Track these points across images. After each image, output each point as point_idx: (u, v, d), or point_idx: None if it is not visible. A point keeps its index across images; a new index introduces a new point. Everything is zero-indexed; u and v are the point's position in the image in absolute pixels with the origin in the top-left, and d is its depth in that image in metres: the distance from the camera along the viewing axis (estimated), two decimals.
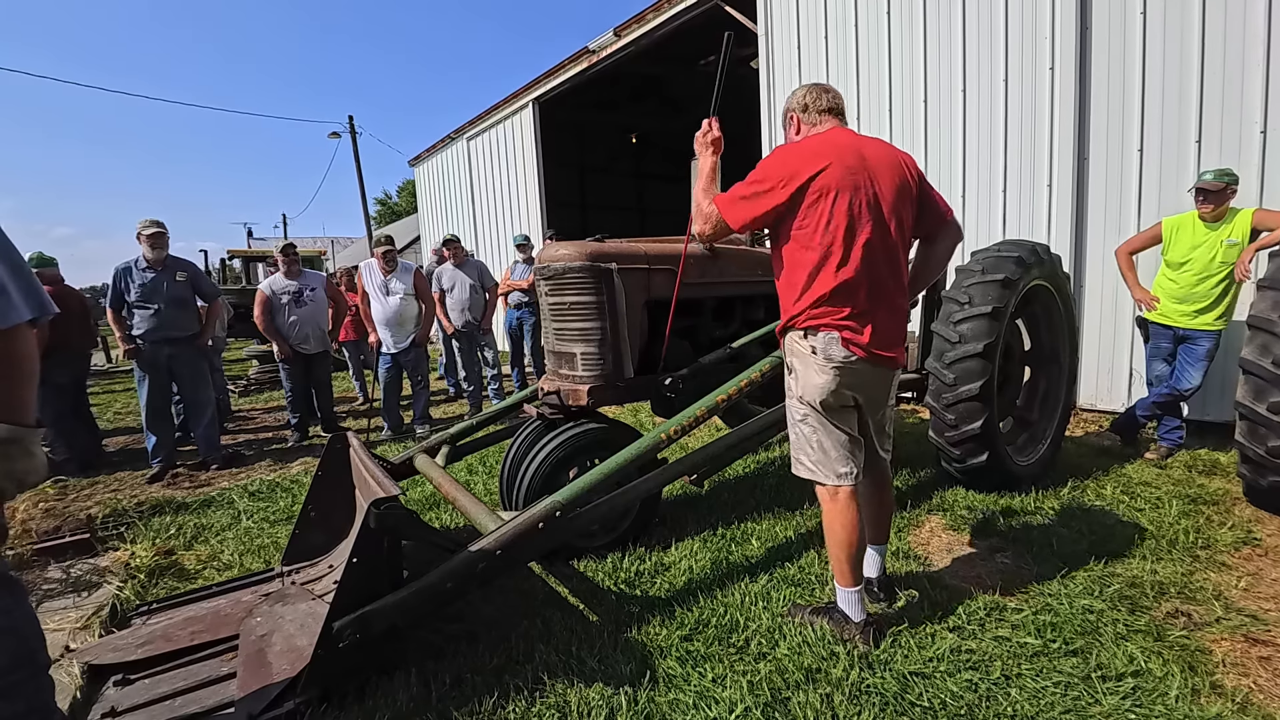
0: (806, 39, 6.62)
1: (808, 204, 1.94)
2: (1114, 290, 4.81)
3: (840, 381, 2.02)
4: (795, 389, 2.12)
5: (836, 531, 2.10)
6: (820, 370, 2.01)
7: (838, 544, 2.10)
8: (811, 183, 1.92)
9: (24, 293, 1.45)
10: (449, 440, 3.45)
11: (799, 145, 2.03)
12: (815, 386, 2.03)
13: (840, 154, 1.94)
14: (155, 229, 4.58)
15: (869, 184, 1.95)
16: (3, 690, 1.51)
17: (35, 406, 1.49)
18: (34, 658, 1.57)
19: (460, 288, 6.20)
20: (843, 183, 1.92)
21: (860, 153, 1.98)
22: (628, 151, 16.36)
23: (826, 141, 2.00)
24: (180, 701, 1.95)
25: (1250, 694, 1.85)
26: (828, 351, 1.99)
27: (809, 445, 2.12)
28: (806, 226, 1.96)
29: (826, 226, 1.93)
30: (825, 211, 1.93)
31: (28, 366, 1.46)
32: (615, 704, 1.86)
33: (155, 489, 4.46)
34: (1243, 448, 3.06)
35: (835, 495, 2.09)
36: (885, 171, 1.98)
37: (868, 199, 1.94)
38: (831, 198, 1.92)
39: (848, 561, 2.10)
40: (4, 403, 1.43)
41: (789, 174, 1.96)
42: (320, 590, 2.54)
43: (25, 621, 1.56)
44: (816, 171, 1.92)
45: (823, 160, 1.93)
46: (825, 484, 2.10)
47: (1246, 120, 4.15)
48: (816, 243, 1.96)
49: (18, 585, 1.57)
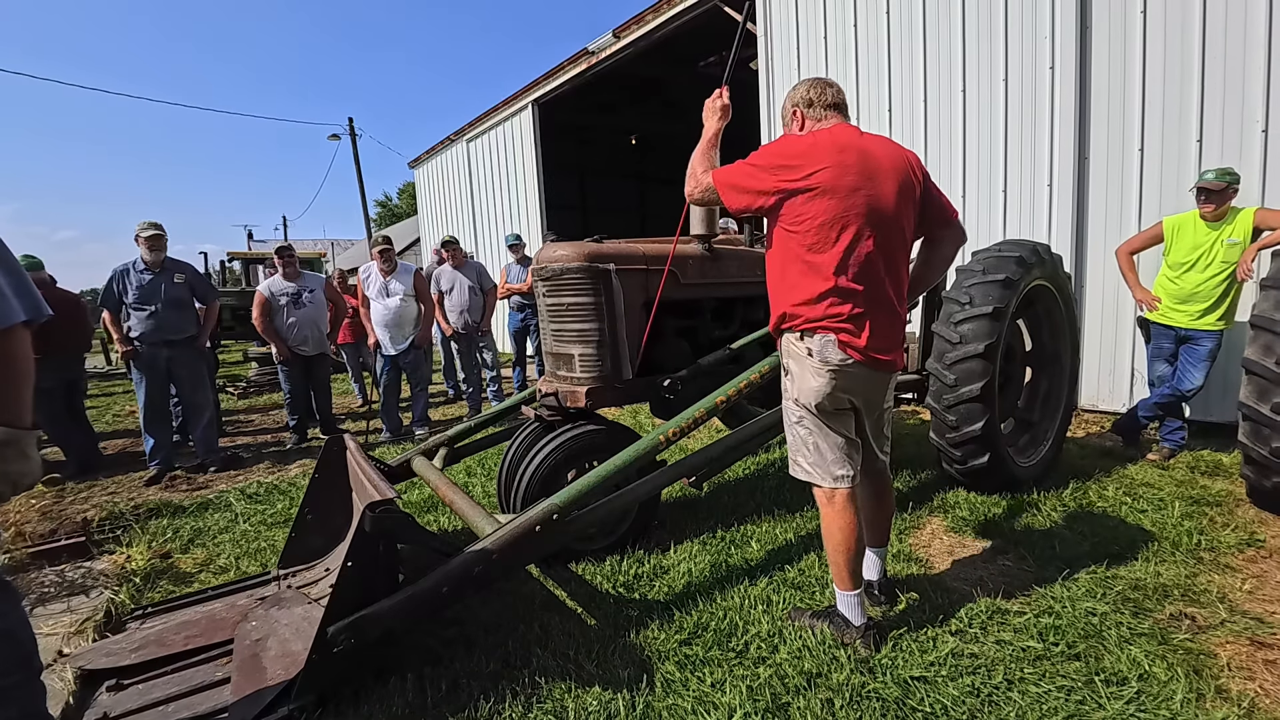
0: (806, 39, 6.61)
1: (804, 200, 1.90)
2: (1115, 290, 4.79)
3: (836, 384, 1.99)
4: (791, 390, 2.09)
5: (834, 534, 2.07)
6: (816, 373, 1.99)
7: (836, 547, 2.08)
8: (810, 178, 1.88)
9: (19, 294, 1.45)
10: (447, 442, 3.43)
11: (802, 139, 1.99)
12: (811, 389, 2.01)
13: (842, 152, 1.90)
14: (154, 231, 4.58)
15: (870, 184, 1.90)
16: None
17: (31, 408, 1.49)
18: (28, 663, 1.56)
19: (459, 290, 6.18)
20: (842, 181, 1.87)
21: (863, 151, 1.93)
22: (628, 153, 16.36)
23: (829, 138, 1.95)
24: (174, 707, 1.93)
25: (1256, 698, 1.82)
26: (824, 354, 1.96)
27: (805, 447, 2.10)
28: (803, 224, 1.92)
29: (825, 226, 1.89)
30: (823, 210, 1.88)
31: (23, 368, 1.47)
32: (613, 709, 1.84)
33: (152, 491, 4.44)
34: (1246, 449, 3.04)
35: (832, 498, 2.06)
36: (888, 171, 1.94)
37: (868, 199, 1.89)
38: (831, 196, 1.88)
39: (846, 565, 2.08)
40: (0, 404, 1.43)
41: (789, 166, 1.92)
42: (316, 594, 2.52)
43: (19, 626, 1.55)
44: (817, 168, 1.88)
45: (824, 157, 1.89)
46: (822, 486, 2.08)
47: (1248, 119, 4.14)
48: (814, 241, 1.92)
49: (11, 589, 1.56)
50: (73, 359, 5.16)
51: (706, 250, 3.25)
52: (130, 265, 4.61)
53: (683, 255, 3.14)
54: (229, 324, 11.28)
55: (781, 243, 2.01)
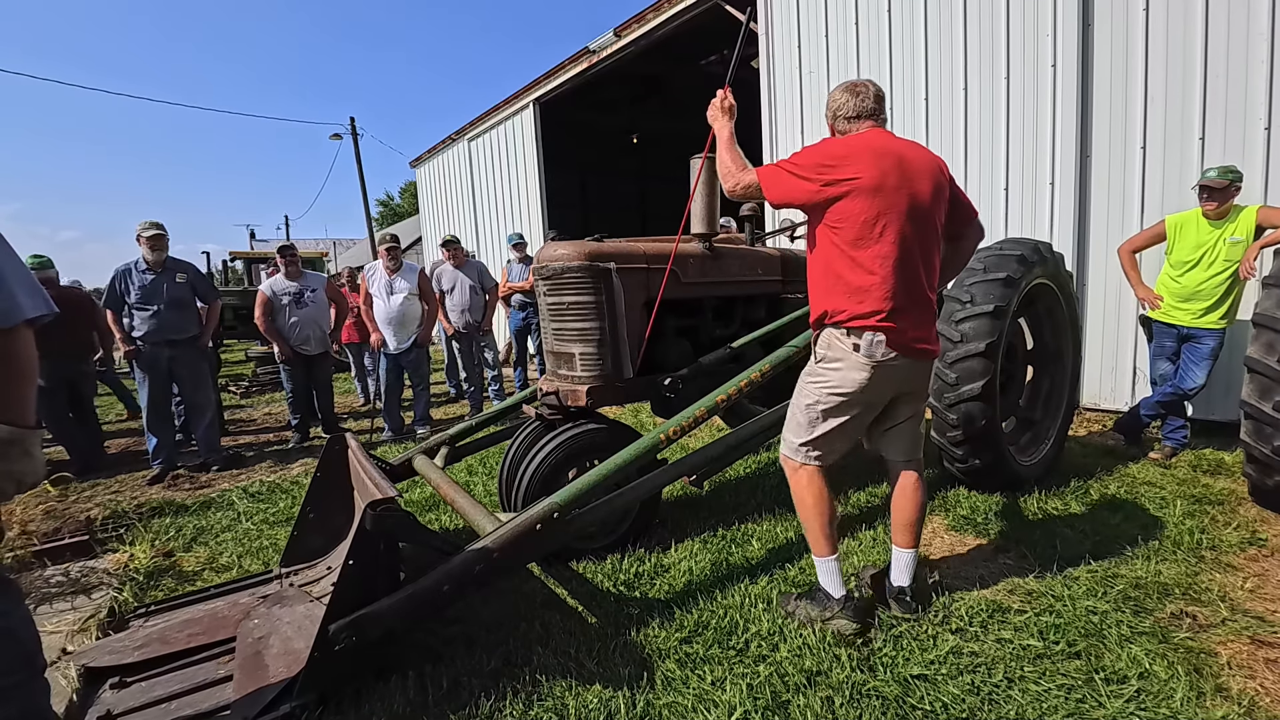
0: (807, 38, 6.60)
1: (849, 198, 2.02)
2: (1117, 289, 4.78)
3: (880, 377, 2.10)
4: (828, 379, 2.16)
5: (805, 500, 2.22)
6: (862, 368, 2.09)
7: (808, 512, 2.22)
8: (853, 180, 2.00)
9: (26, 292, 1.46)
10: (448, 441, 3.44)
11: (841, 143, 2.11)
12: (853, 380, 2.11)
13: (883, 156, 2.03)
14: (154, 231, 4.59)
15: (909, 184, 2.03)
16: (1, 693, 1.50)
17: (34, 407, 1.49)
18: (31, 661, 1.56)
19: (460, 289, 6.19)
20: (885, 181, 2.00)
21: (899, 154, 2.06)
22: (628, 152, 16.34)
23: (866, 142, 2.07)
24: (176, 704, 1.94)
25: (1256, 697, 1.82)
26: (871, 350, 2.06)
27: (802, 427, 2.23)
28: (847, 221, 2.03)
29: (868, 223, 2.01)
30: (867, 208, 2.00)
31: (27, 367, 1.47)
32: (614, 707, 1.84)
33: (155, 490, 4.46)
34: (1248, 447, 3.03)
35: (798, 470, 2.22)
36: (922, 173, 2.07)
37: (909, 198, 2.03)
38: (874, 195, 1.99)
39: (821, 530, 2.20)
40: (3, 403, 1.43)
41: (831, 165, 2.04)
42: (318, 592, 2.53)
43: (22, 624, 1.55)
44: (859, 168, 2.00)
45: (865, 158, 2.01)
46: (793, 460, 2.23)
47: (1251, 117, 4.12)
48: (858, 237, 2.03)
49: (14, 587, 1.57)
50: (73, 358, 5.16)
51: (707, 249, 3.25)
52: (132, 265, 4.63)
53: (683, 254, 3.14)
54: (231, 323, 11.29)
55: (824, 241, 2.12)
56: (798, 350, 2.93)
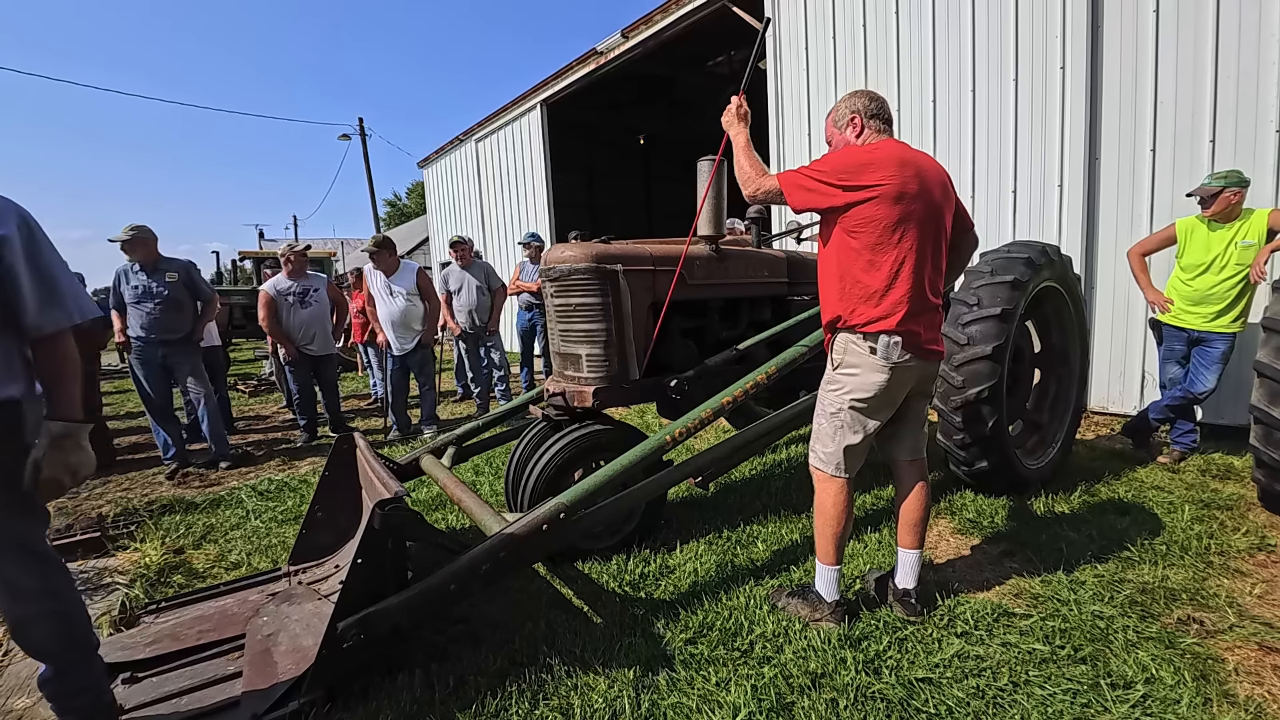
0: (814, 39, 6.60)
1: (872, 204, 2.05)
2: (1126, 292, 4.75)
3: (895, 380, 2.14)
4: (846, 385, 2.19)
5: (828, 509, 2.23)
6: (879, 370, 2.13)
7: (827, 521, 2.23)
8: (880, 187, 2.03)
9: (74, 299, 1.61)
10: (455, 441, 3.46)
11: (864, 150, 2.13)
12: (873, 384, 2.15)
13: (905, 165, 2.07)
14: (125, 236, 4.54)
15: (926, 193, 2.09)
16: (59, 670, 1.68)
17: (81, 403, 1.64)
18: (85, 639, 1.72)
19: (467, 289, 6.21)
20: (906, 189, 2.04)
21: (919, 165, 2.11)
22: (636, 153, 16.36)
23: (886, 152, 2.10)
24: (187, 700, 1.97)
25: (1264, 704, 1.81)
26: (888, 354, 2.10)
27: (830, 440, 2.24)
28: (868, 226, 2.07)
29: (888, 229, 2.05)
30: (888, 214, 2.04)
31: (73, 367, 1.62)
32: (618, 707, 1.85)
33: (166, 488, 4.51)
34: (1257, 452, 3.01)
35: (831, 480, 2.23)
36: (935, 183, 2.13)
37: (925, 206, 2.08)
38: (895, 202, 2.03)
39: (833, 540, 2.22)
40: (56, 400, 1.59)
41: (856, 172, 2.06)
42: (326, 590, 2.55)
43: (76, 607, 1.72)
44: (883, 175, 2.03)
45: (888, 166, 2.05)
46: (825, 472, 2.24)
47: (1261, 119, 4.09)
48: (877, 242, 2.07)
49: (67, 572, 1.71)
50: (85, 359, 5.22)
51: (713, 251, 3.26)
52: (129, 265, 4.66)
53: (690, 255, 3.15)
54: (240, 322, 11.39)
55: (841, 245, 2.14)
56: (804, 352, 2.93)
